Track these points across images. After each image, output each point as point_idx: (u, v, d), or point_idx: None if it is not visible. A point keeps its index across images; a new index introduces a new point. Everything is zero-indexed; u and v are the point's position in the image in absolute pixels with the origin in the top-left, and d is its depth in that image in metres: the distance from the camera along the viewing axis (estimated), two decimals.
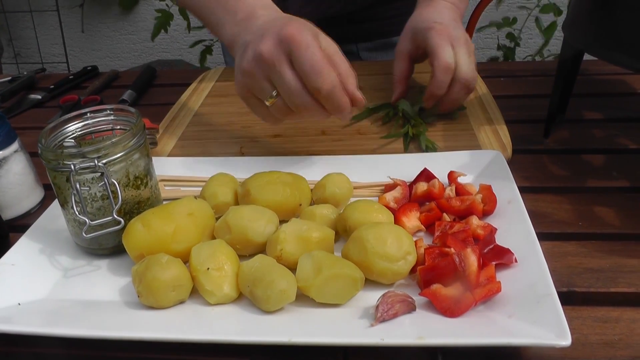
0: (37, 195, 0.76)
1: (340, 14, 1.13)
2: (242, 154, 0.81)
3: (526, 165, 0.79)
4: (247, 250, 0.60)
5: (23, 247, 0.63)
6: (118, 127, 0.66)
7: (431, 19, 0.86)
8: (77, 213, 0.58)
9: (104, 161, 0.58)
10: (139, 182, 0.62)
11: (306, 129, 0.87)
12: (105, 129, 0.66)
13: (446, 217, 0.63)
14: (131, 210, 0.62)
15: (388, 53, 1.18)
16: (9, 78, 1.16)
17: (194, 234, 0.59)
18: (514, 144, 0.80)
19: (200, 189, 0.71)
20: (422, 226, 0.63)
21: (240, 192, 0.65)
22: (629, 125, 0.87)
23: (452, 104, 0.84)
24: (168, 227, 0.58)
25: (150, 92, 1.13)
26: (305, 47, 0.60)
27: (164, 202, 0.70)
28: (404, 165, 0.73)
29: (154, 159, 0.66)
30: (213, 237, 0.62)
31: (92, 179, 0.58)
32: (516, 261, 0.55)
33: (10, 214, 0.73)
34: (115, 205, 0.58)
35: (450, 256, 0.54)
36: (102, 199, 0.59)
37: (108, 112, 0.66)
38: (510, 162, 0.78)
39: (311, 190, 0.68)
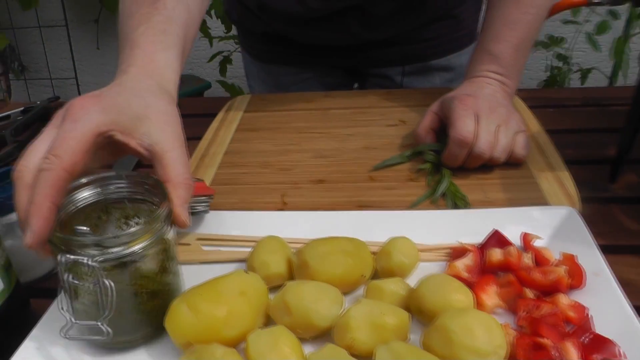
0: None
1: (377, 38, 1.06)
2: (284, 204, 0.74)
3: (595, 217, 0.71)
4: (309, 334, 0.52)
5: (43, 331, 0.55)
6: (141, 196, 0.57)
7: (463, 91, 0.82)
8: (60, 307, 0.50)
9: (100, 259, 0.48)
10: (150, 279, 0.53)
11: (352, 173, 0.79)
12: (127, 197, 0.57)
13: (528, 293, 0.55)
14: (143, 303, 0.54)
15: (426, 77, 1.11)
16: (22, 108, 1.09)
17: (248, 316, 0.52)
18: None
19: (243, 249, 0.64)
20: (502, 303, 0.55)
21: (296, 262, 0.58)
22: None
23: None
24: (219, 310, 0.51)
25: None
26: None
27: (203, 265, 0.63)
28: (467, 222, 0.66)
29: None
30: (267, 317, 0.54)
31: (88, 270, 0.49)
32: (622, 355, 0.48)
33: (30, 276, 0.65)
34: (105, 313, 0.49)
35: (547, 350, 0.47)
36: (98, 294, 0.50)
37: (123, 181, 0.56)
38: None
39: (372, 255, 0.60)
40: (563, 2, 1.50)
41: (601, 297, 0.55)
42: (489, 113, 0.76)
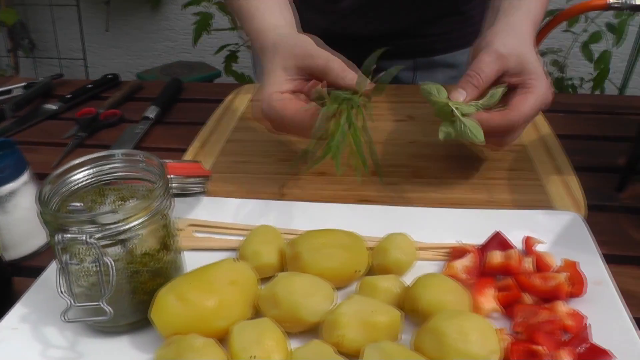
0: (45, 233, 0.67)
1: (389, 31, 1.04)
2: (283, 195, 0.72)
3: (601, 226, 0.69)
4: (297, 328, 0.51)
5: (28, 305, 0.54)
6: (137, 175, 0.56)
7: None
8: (60, 290, 0.48)
9: (98, 235, 0.47)
10: (151, 256, 0.52)
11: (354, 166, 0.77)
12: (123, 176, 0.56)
13: (527, 298, 0.54)
14: (144, 282, 0.52)
15: (429, 73, 1.09)
16: (24, 83, 1.07)
17: (239, 307, 0.50)
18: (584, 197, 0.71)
19: (236, 237, 0.63)
20: (500, 307, 0.53)
21: (289, 253, 0.56)
22: None
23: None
24: (209, 300, 0.49)
25: (176, 108, 1.04)
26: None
27: (194, 251, 0.61)
28: (470, 222, 0.64)
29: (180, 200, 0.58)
30: (256, 309, 0.53)
31: (85, 250, 0.48)
32: None
33: (15, 254, 0.64)
34: (106, 292, 0.48)
35: (541, 358, 0.45)
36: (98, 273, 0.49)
37: (118, 160, 0.56)
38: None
39: (368, 250, 0.58)
40: (584, 4, 1.47)
41: (601, 307, 0.53)
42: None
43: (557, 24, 1.54)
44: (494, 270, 0.57)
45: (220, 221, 0.67)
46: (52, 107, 1.01)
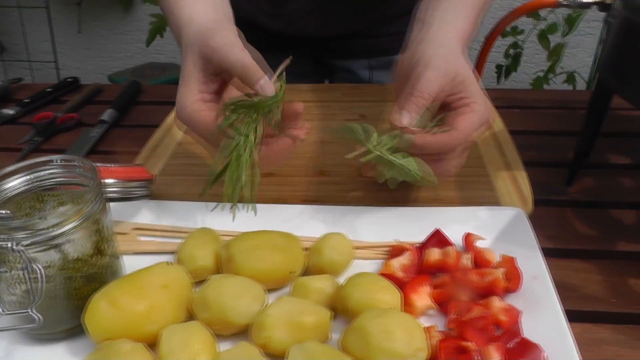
0: None
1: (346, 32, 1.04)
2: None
3: (548, 221, 0.70)
4: (228, 330, 0.51)
5: None
6: (75, 181, 0.55)
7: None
8: None
9: (27, 242, 0.46)
10: (84, 262, 0.51)
11: (303, 167, 0.77)
12: (62, 182, 0.55)
13: (462, 295, 0.54)
14: (78, 287, 0.52)
15: (389, 73, 1.09)
16: None
17: (170, 310, 0.50)
18: (533, 191, 0.72)
19: (179, 241, 0.62)
20: (435, 305, 0.53)
21: (224, 256, 0.56)
22: None
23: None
24: (140, 304, 0.49)
25: (134, 111, 1.04)
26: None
27: (137, 255, 0.61)
28: (412, 220, 0.64)
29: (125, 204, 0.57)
30: (189, 312, 0.52)
31: (15, 257, 0.47)
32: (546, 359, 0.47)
33: None
34: (35, 299, 0.47)
35: (469, 354, 0.45)
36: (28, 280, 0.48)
37: (56, 166, 0.55)
38: (531, 217, 0.69)
39: (306, 251, 0.58)
40: (534, 2, 1.48)
41: (536, 301, 0.53)
42: None
43: (507, 24, 1.56)
44: (431, 267, 0.57)
45: (164, 224, 0.66)
46: (9, 111, 1.00)
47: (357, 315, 0.48)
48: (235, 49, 0.60)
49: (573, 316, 0.54)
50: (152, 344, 0.48)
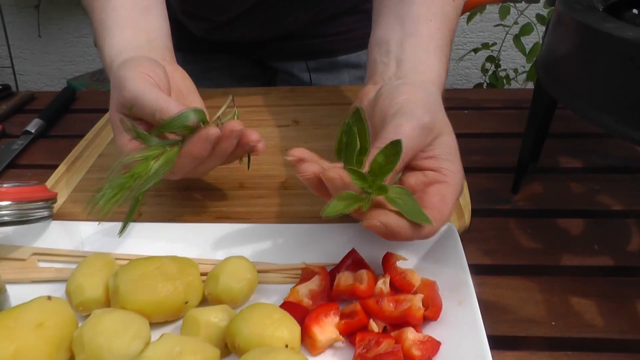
0: None
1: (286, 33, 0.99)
2: (139, 214, 0.66)
3: (488, 233, 0.64)
4: None
5: None
6: None
7: None
8: None
9: None
10: None
11: (221, 179, 0.71)
12: None
13: (373, 326, 0.48)
14: None
15: (333, 74, 1.03)
16: None
17: (44, 353, 0.44)
18: (476, 201, 0.66)
19: None
20: (341, 337, 0.47)
21: (111, 286, 0.49)
22: (611, 178, 0.73)
23: None
24: (6, 348, 0.42)
25: (65, 120, 0.97)
26: None
27: (35, 284, 0.55)
28: (333, 239, 0.58)
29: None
30: (72, 352, 0.46)
31: None
32: None
33: None
34: None
35: None
36: None
37: None
38: (469, 230, 0.64)
39: (202, 277, 0.52)
40: None
41: (458, 330, 0.48)
42: None
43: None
44: (342, 294, 0.51)
45: (66, 249, 0.60)
46: None
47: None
48: (146, 94, 0.56)
49: (507, 343, 0.50)
50: None
